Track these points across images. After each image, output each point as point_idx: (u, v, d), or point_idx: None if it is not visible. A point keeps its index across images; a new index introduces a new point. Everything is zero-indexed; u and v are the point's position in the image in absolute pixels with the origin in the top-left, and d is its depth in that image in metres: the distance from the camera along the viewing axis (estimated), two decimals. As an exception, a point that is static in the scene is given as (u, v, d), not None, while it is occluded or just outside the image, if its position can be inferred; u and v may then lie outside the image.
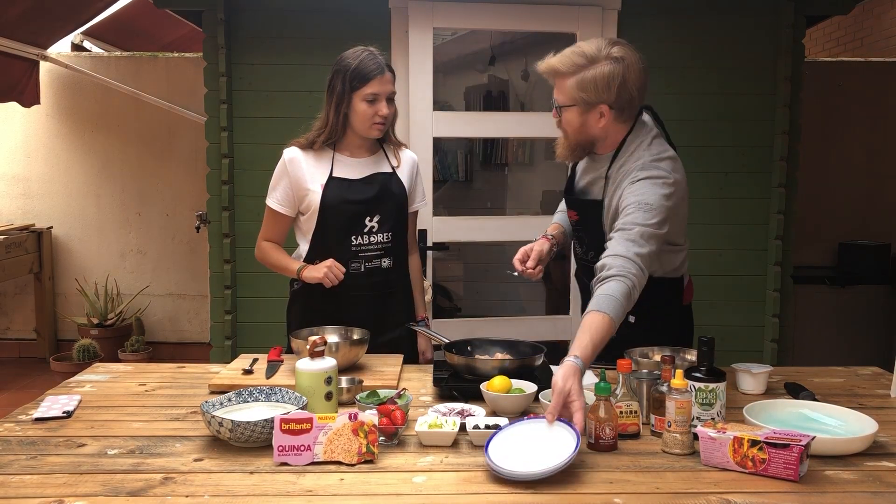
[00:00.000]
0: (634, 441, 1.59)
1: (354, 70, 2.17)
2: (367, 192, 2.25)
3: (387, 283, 2.30)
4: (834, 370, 2.19)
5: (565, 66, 1.93)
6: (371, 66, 2.18)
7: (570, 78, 1.93)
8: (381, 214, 2.26)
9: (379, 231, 2.26)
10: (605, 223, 2.02)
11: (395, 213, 2.29)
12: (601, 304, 1.66)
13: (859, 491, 1.35)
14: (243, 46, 3.53)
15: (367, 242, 2.25)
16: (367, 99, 2.18)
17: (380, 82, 2.18)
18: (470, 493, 1.34)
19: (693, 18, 3.57)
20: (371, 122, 2.21)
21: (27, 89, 4.74)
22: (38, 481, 1.38)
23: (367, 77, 2.17)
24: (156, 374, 2.11)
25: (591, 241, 2.10)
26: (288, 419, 1.45)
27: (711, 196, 3.64)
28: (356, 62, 2.18)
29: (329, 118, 2.23)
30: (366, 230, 2.24)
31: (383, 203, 2.26)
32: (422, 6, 3.44)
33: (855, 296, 4.52)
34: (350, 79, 2.17)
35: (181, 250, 5.35)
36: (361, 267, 2.26)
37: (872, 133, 4.89)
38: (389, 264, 2.30)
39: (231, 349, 3.58)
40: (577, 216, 2.16)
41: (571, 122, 2.01)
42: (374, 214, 2.25)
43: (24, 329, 5.40)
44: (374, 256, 2.27)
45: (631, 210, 1.84)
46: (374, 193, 2.25)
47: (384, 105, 2.20)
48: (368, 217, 2.24)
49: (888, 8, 5.84)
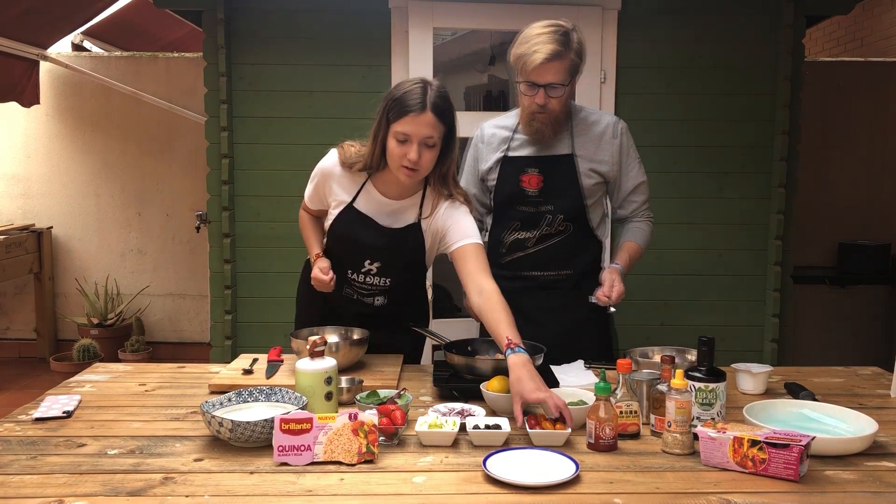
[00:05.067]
0: (634, 441, 1.59)
1: (396, 100, 1.91)
2: (375, 239, 2.06)
3: (377, 316, 2.18)
4: (834, 370, 2.19)
5: (561, 44, 2.06)
6: (411, 100, 1.88)
7: (569, 52, 2.07)
8: (383, 263, 2.10)
9: (378, 275, 2.12)
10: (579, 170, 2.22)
11: (401, 266, 2.12)
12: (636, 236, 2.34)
13: (859, 491, 1.35)
14: (243, 46, 3.53)
15: (362, 281, 2.14)
16: (398, 138, 1.90)
17: (414, 122, 1.88)
18: (470, 493, 1.34)
19: (693, 18, 3.57)
20: (399, 164, 1.93)
21: (27, 89, 4.74)
22: (38, 481, 1.38)
23: (403, 112, 1.88)
24: (156, 374, 2.11)
25: (559, 201, 2.23)
26: (288, 419, 1.45)
27: (711, 196, 3.64)
28: (401, 92, 1.91)
29: (369, 146, 2.00)
30: (363, 270, 2.12)
31: (388, 255, 2.08)
32: (422, 6, 3.44)
33: (855, 296, 4.52)
34: (389, 108, 1.92)
35: (181, 250, 5.35)
36: (354, 295, 2.18)
37: (872, 133, 4.89)
38: (382, 303, 2.17)
39: (231, 349, 3.58)
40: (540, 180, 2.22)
41: (563, 95, 2.13)
42: (374, 261, 2.10)
43: (24, 329, 5.39)
44: (366, 294, 2.17)
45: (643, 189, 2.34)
46: (381, 244, 2.07)
47: (414, 149, 1.89)
48: (369, 261, 2.10)
49: (888, 8, 5.84)
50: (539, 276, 2.29)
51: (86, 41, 5.43)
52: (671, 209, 3.62)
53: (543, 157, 2.24)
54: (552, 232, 2.25)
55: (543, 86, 2.09)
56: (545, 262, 2.28)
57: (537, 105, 2.13)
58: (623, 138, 2.27)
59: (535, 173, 2.22)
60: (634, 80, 3.57)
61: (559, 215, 2.24)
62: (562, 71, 2.08)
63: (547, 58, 2.04)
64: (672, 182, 3.61)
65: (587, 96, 3.53)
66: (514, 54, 2.12)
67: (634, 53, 3.55)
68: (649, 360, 1.90)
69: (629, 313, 3.67)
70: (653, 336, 3.62)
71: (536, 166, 2.23)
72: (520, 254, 2.29)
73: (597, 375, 1.91)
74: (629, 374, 1.63)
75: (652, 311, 3.69)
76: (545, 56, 2.04)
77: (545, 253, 2.27)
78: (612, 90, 3.55)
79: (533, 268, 2.29)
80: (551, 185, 2.23)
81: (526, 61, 2.07)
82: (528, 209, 2.25)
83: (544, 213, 2.24)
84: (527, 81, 2.11)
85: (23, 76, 4.69)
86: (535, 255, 2.27)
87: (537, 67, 2.06)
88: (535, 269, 2.29)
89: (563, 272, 2.28)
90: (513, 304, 1.87)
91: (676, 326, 3.66)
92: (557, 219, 2.24)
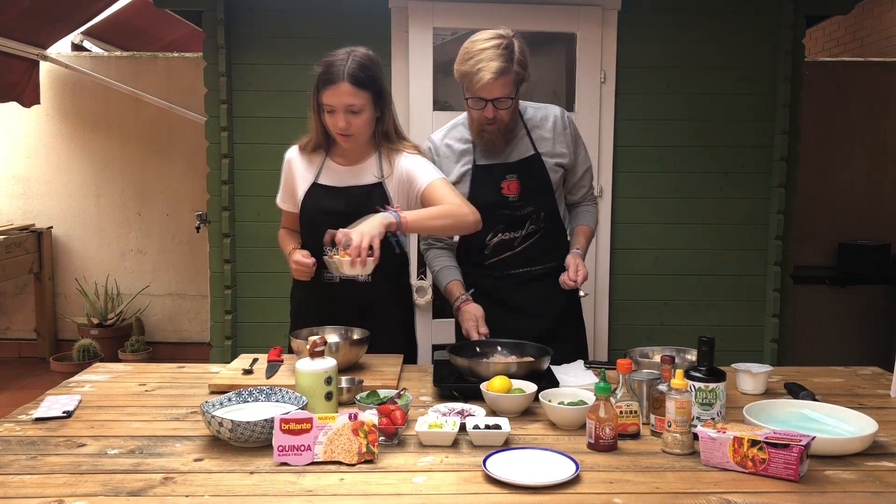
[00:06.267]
0: (634, 441, 1.58)
1: (320, 74, 2.04)
2: (344, 204, 2.11)
3: (363, 297, 2.16)
4: (834, 370, 2.19)
5: (505, 59, 2.09)
6: (329, 72, 2.01)
7: (513, 65, 2.10)
8: None
9: None
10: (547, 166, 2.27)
11: None
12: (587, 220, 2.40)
13: (859, 491, 1.35)
14: (243, 46, 3.53)
15: None
16: (326, 109, 2.04)
17: (334, 93, 2.01)
18: (470, 493, 1.34)
19: (693, 18, 3.57)
20: (334, 133, 2.08)
21: (27, 89, 4.74)
22: (38, 481, 1.37)
23: (323, 84, 2.03)
24: (156, 374, 2.11)
25: (538, 200, 2.28)
26: (288, 419, 1.45)
27: (711, 196, 3.64)
28: (323, 66, 2.04)
29: (313, 121, 2.14)
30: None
31: (360, 216, 2.04)
32: (422, 6, 3.44)
33: (855, 296, 4.52)
34: (316, 82, 2.05)
35: (181, 250, 5.35)
36: (337, 278, 2.15)
37: (872, 133, 4.89)
38: (367, 279, 2.13)
39: (231, 349, 3.58)
40: (518, 185, 2.26)
41: (512, 106, 2.17)
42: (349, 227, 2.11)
43: (24, 329, 5.40)
44: None
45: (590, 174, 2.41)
46: (349, 208, 2.08)
47: (341, 117, 2.02)
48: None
49: (888, 8, 5.84)
50: (527, 271, 2.34)
51: (86, 41, 5.43)
52: (671, 209, 3.62)
53: (514, 162, 2.28)
54: (536, 229, 2.31)
55: (490, 100, 2.13)
56: (530, 257, 2.33)
57: (487, 118, 2.17)
58: (571, 127, 2.34)
59: (514, 179, 2.27)
60: (634, 80, 3.57)
61: (541, 213, 2.30)
62: (508, 85, 2.12)
63: (493, 77, 2.08)
64: (672, 182, 3.61)
65: (587, 96, 3.53)
66: (458, 71, 2.15)
67: (634, 53, 3.55)
68: (649, 360, 1.90)
69: (629, 313, 3.70)
70: (653, 336, 3.62)
71: (514, 172, 2.27)
72: (507, 253, 2.33)
73: (597, 375, 1.92)
74: (629, 374, 1.63)
75: (652, 311, 3.70)
76: (491, 75, 2.08)
77: (531, 249, 2.32)
78: (612, 90, 3.55)
79: (520, 265, 2.34)
80: (528, 188, 2.28)
81: (472, 80, 2.11)
82: (511, 213, 2.29)
83: (528, 214, 2.29)
84: (474, 97, 2.15)
85: (23, 76, 4.69)
86: (521, 252, 2.32)
87: (484, 85, 2.10)
88: (522, 266, 2.34)
89: (548, 265, 2.34)
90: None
91: (676, 326, 3.66)
92: (540, 217, 2.30)
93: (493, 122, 2.18)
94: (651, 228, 3.66)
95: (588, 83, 3.53)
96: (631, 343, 3.19)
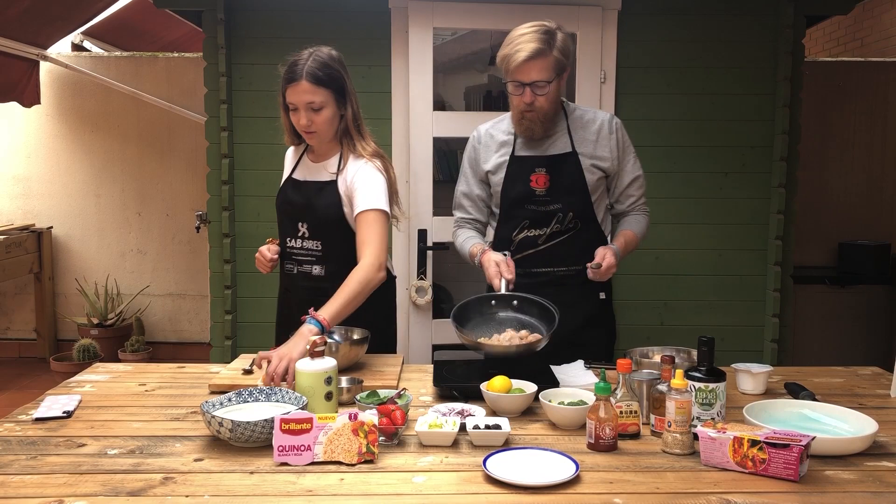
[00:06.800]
0: (634, 441, 1.59)
1: (284, 74, 2.09)
2: (298, 197, 2.21)
3: (318, 290, 2.14)
4: (834, 370, 2.19)
5: (543, 42, 2.10)
6: (290, 71, 2.06)
7: (552, 50, 2.11)
8: (309, 222, 2.20)
9: (310, 238, 2.21)
10: (582, 168, 2.25)
11: (324, 223, 2.18)
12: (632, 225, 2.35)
13: (859, 491, 1.35)
14: (243, 46, 3.53)
15: (299, 247, 2.24)
16: (290, 107, 2.10)
17: (294, 91, 2.06)
18: (470, 493, 1.34)
19: (693, 18, 3.57)
20: (300, 130, 2.13)
21: (27, 89, 4.75)
22: (38, 481, 1.38)
23: (285, 83, 2.08)
24: (156, 374, 2.11)
25: (567, 199, 2.26)
26: (288, 419, 1.45)
27: (711, 196, 3.64)
28: (287, 65, 2.08)
29: (282, 118, 2.19)
30: (299, 234, 2.22)
31: (311, 211, 2.19)
32: (422, 6, 3.44)
33: (855, 296, 4.52)
34: (281, 82, 2.10)
35: (181, 250, 5.35)
36: (294, 269, 2.27)
37: (872, 133, 4.89)
38: (320, 272, 2.20)
39: (231, 349, 3.58)
40: (547, 180, 2.25)
41: (552, 93, 2.17)
42: (303, 221, 2.21)
43: (24, 329, 5.40)
44: (304, 262, 2.24)
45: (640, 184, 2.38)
46: (303, 200, 2.20)
47: (302, 115, 2.08)
48: (300, 222, 2.21)
49: (888, 8, 5.84)
50: (550, 272, 2.31)
51: (86, 41, 5.43)
52: (671, 209, 3.62)
53: (548, 156, 2.27)
54: (562, 229, 2.28)
55: (528, 84, 2.13)
56: (555, 258, 2.30)
57: (525, 104, 2.17)
58: (619, 133, 2.31)
59: (543, 173, 2.25)
60: (634, 80, 3.57)
61: (569, 213, 2.27)
62: (545, 69, 2.12)
63: (529, 56, 2.09)
64: (672, 182, 3.61)
65: (587, 96, 3.53)
66: (499, 56, 2.18)
67: (634, 53, 3.55)
68: (649, 360, 1.90)
69: (629, 313, 3.70)
70: (653, 336, 3.62)
71: (543, 166, 2.26)
72: (530, 251, 2.31)
73: (597, 375, 1.92)
74: (629, 374, 1.63)
75: (652, 311, 3.69)
76: (527, 54, 2.09)
77: (555, 250, 2.29)
78: (612, 90, 3.55)
79: (543, 264, 2.31)
80: (558, 184, 2.26)
81: (509, 61, 2.12)
82: (537, 208, 2.28)
83: (554, 212, 2.27)
84: (513, 81, 2.16)
85: (23, 76, 4.69)
86: (545, 251, 2.30)
87: (520, 66, 2.11)
88: (545, 266, 2.31)
89: (573, 268, 2.30)
90: None
91: (676, 326, 3.66)
92: (568, 216, 2.27)
93: (531, 109, 2.18)
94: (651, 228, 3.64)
95: (588, 83, 3.53)
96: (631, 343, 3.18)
